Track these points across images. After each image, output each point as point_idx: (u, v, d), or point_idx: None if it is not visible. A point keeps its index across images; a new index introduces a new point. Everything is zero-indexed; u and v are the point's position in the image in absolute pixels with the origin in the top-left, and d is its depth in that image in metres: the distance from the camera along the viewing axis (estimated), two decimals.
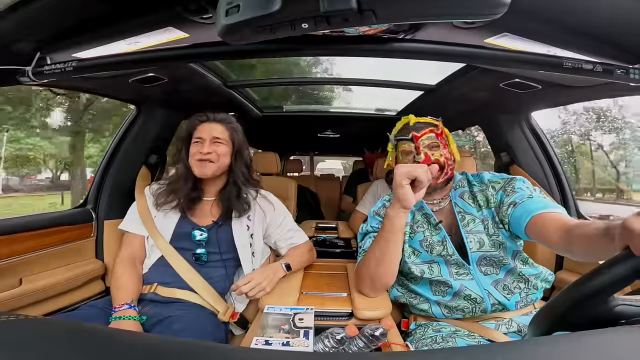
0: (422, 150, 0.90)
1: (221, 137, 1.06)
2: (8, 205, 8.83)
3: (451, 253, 0.89)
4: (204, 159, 1.03)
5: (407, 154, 0.93)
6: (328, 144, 3.44)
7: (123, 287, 0.94)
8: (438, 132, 0.94)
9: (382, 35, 0.70)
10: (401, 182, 0.78)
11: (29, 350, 0.31)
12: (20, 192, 10.86)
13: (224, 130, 1.08)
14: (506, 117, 1.49)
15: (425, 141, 0.91)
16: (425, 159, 0.89)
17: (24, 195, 10.51)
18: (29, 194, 10.67)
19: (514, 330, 0.85)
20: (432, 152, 0.90)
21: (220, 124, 1.09)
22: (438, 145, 0.92)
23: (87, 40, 0.77)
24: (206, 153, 1.03)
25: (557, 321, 0.45)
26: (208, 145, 1.03)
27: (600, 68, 0.69)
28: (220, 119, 1.10)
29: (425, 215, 0.96)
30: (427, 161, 0.88)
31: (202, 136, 1.05)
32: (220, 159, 1.06)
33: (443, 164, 0.91)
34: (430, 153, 0.90)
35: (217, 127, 1.08)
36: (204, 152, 1.03)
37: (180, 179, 1.07)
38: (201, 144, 1.04)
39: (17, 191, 10.89)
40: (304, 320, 0.73)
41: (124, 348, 0.33)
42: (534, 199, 0.82)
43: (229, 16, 0.50)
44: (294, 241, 1.17)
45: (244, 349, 0.44)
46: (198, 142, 1.05)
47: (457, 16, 0.52)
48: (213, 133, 1.06)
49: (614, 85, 0.97)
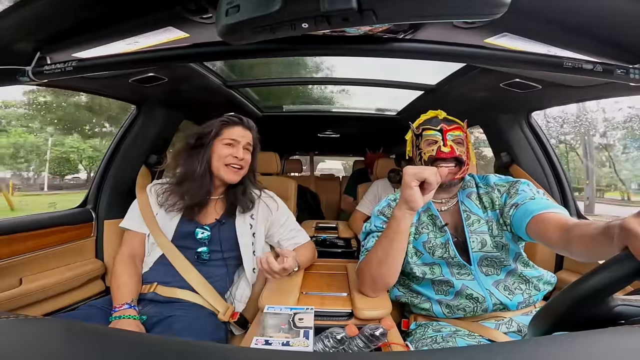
0: (449, 143, 0.91)
1: (251, 144, 1.07)
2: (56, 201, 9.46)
3: (453, 256, 0.89)
4: (237, 164, 1.02)
5: (430, 143, 0.94)
6: (328, 144, 3.44)
7: (123, 286, 0.94)
8: (464, 131, 0.96)
9: (382, 35, 0.70)
10: (410, 183, 0.78)
11: (29, 350, 0.31)
12: (64, 190, 12.15)
13: (252, 138, 1.09)
14: (506, 117, 1.49)
15: (453, 135, 0.93)
16: (450, 151, 0.90)
17: (67, 193, 11.51)
18: (70, 191, 11.80)
19: (514, 330, 0.85)
20: (457, 147, 0.92)
21: (251, 131, 1.09)
22: (462, 143, 0.94)
23: (87, 40, 0.76)
24: (241, 159, 1.02)
25: (557, 321, 0.45)
26: (243, 151, 1.03)
27: (600, 68, 0.69)
28: (252, 127, 1.10)
29: (432, 216, 0.96)
30: (452, 154, 0.90)
31: (237, 139, 1.03)
32: (247, 166, 1.06)
33: (463, 162, 0.92)
34: (456, 147, 0.92)
35: (249, 134, 1.08)
36: (240, 157, 1.01)
37: (197, 180, 1.00)
38: (235, 147, 1.03)
39: (60, 189, 12.33)
40: (304, 320, 0.73)
41: (123, 348, 0.33)
42: (535, 200, 0.83)
43: (229, 16, 0.50)
44: (298, 241, 1.17)
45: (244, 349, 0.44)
46: (230, 145, 1.03)
47: (457, 16, 0.52)
48: (247, 139, 1.05)
49: (614, 85, 0.97)
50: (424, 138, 0.95)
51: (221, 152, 1.02)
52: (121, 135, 1.46)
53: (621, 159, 8.33)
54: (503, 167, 1.55)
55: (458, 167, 0.92)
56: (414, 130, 1.00)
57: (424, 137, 0.95)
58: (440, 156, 0.90)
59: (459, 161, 0.92)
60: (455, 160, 0.92)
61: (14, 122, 11.41)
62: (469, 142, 0.98)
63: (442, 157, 0.90)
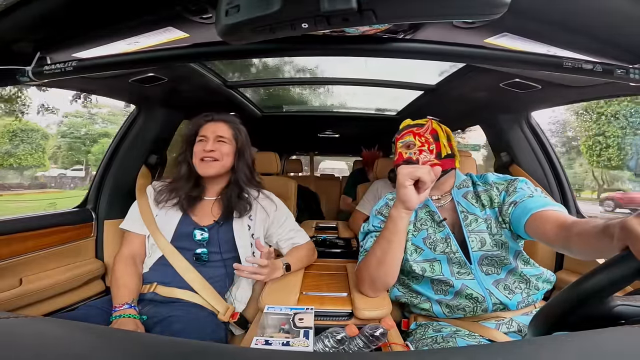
0: (399, 151, 0.97)
1: (225, 136, 1.07)
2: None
3: (455, 250, 0.89)
4: (207, 157, 1.03)
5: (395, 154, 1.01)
6: (328, 144, 3.44)
7: (123, 286, 0.94)
8: (419, 132, 0.96)
9: (382, 35, 0.70)
10: (404, 183, 0.79)
11: (29, 350, 0.31)
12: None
13: (227, 130, 1.09)
14: (506, 117, 1.49)
15: (404, 142, 0.97)
16: (397, 158, 0.97)
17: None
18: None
19: (514, 330, 0.85)
20: (406, 151, 0.95)
21: (224, 123, 1.09)
22: (413, 145, 0.95)
23: (87, 40, 0.77)
24: (209, 151, 1.03)
25: (557, 321, 0.45)
26: (212, 144, 1.04)
27: (600, 68, 0.69)
28: (224, 119, 1.11)
29: (430, 212, 0.96)
30: (399, 160, 0.96)
31: (206, 134, 1.06)
32: (224, 158, 1.06)
33: (416, 162, 0.92)
34: (404, 152, 0.95)
35: (221, 126, 1.08)
36: (207, 150, 1.03)
37: (182, 178, 1.07)
38: (205, 142, 1.05)
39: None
40: (304, 320, 0.73)
41: (123, 348, 0.33)
42: (534, 198, 0.83)
43: (229, 16, 0.50)
44: (296, 241, 1.17)
45: (244, 349, 0.44)
46: (202, 141, 1.06)
47: (457, 16, 0.52)
48: (217, 132, 1.06)
49: (614, 85, 0.97)
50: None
51: (195, 150, 1.06)
52: (121, 135, 1.46)
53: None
54: (503, 167, 1.55)
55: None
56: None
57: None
58: (395, 164, 0.97)
59: (409, 162, 0.91)
60: (406, 162, 0.92)
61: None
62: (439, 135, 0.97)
63: (395, 165, 0.97)
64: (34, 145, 14.48)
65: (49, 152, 15.81)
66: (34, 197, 12.08)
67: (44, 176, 16.51)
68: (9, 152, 14.10)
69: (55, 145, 16.71)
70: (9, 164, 14.18)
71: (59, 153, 17.45)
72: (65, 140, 17.62)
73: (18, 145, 14.26)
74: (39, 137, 14.79)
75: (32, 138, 14.49)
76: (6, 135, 14.01)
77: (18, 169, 14.93)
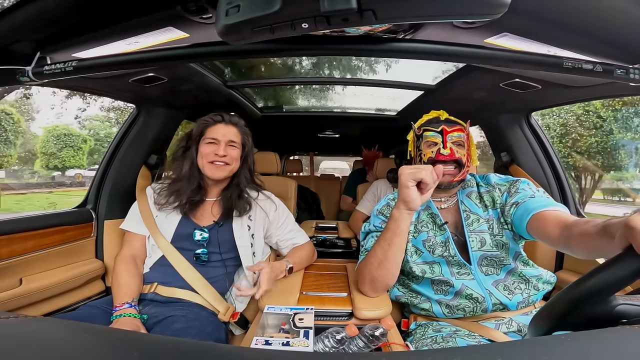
0: (449, 145, 0.91)
1: (236, 141, 1.07)
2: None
3: (453, 254, 0.89)
4: (220, 161, 1.02)
5: (430, 145, 0.94)
6: (328, 144, 3.44)
7: (124, 286, 0.94)
8: (466, 133, 0.95)
9: (382, 35, 0.70)
10: (406, 183, 0.78)
11: (29, 350, 0.31)
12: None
13: (238, 134, 1.08)
14: (506, 117, 1.49)
15: (453, 137, 0.92)
16: (450, 153, 0.90)
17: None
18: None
19: (514, 330, 0.85)
20: (457, 149, 0.91)
21: (235, 127, 1.09)
22: (463, 145, 0.93)
23: (87, 40, 0.76)
24: (222, 155, 1.02)
25: (557, 321, 0.45)
26: (224, 148, 1.03)
27: (600, 68, 0.69)
28: (236, 122, 1.10)
29: (431, 215, 0.96)
30: (452, 157, 0.90)
31: (217, 137, 1.04)
32: (234, 162, 1.06)
33: (463, 164, 0.91)
34: (456, 150, 0.91)
35: (232, 129, 1.07)
36: (220, 155, 1.02)
37: (184, 179, 1.05)
38: (216, 145, 1.03)
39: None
40: (304, 320, 0.73)
41: (124, 348, 0.33)
42: (535, 199, 0.83)
43: (229, 16, 0.50)
44: (296, 241, 1.17)
45: (244, 349, 0.44)
46: (213, 143, 1.04)
47: (457, 16, 0.52)
48: (229, 136, 1.05)
49: (613, 85, 0.97)
50: (425, 139, 0.95)
51: (204, 151, 1.04)
52: (121, 135, 1.46)
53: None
54: (503, 167, 1.55)
55: (457, 169, 0.92)
56: (415, 131, 0.99)
57: (425, 138, 0.95)
58: (439, 159, 0.90)
59: (458, 163, 0.92)
60: (454, 162, 0.91)
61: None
62: (471, 143, 0.97)
63: (441, 159, 0.90)
64: (75, 148, 16.81)
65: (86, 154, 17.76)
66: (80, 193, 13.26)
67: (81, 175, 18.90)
68: (54, 154, 16.49)
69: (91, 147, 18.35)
70: (54, 165, 16.62)
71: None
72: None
73: (62, 149, 16.41)
74: (79, 141, 16.76)
75: (74, 142, 16.79)
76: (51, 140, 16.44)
77: (62, 169, 17.41)
